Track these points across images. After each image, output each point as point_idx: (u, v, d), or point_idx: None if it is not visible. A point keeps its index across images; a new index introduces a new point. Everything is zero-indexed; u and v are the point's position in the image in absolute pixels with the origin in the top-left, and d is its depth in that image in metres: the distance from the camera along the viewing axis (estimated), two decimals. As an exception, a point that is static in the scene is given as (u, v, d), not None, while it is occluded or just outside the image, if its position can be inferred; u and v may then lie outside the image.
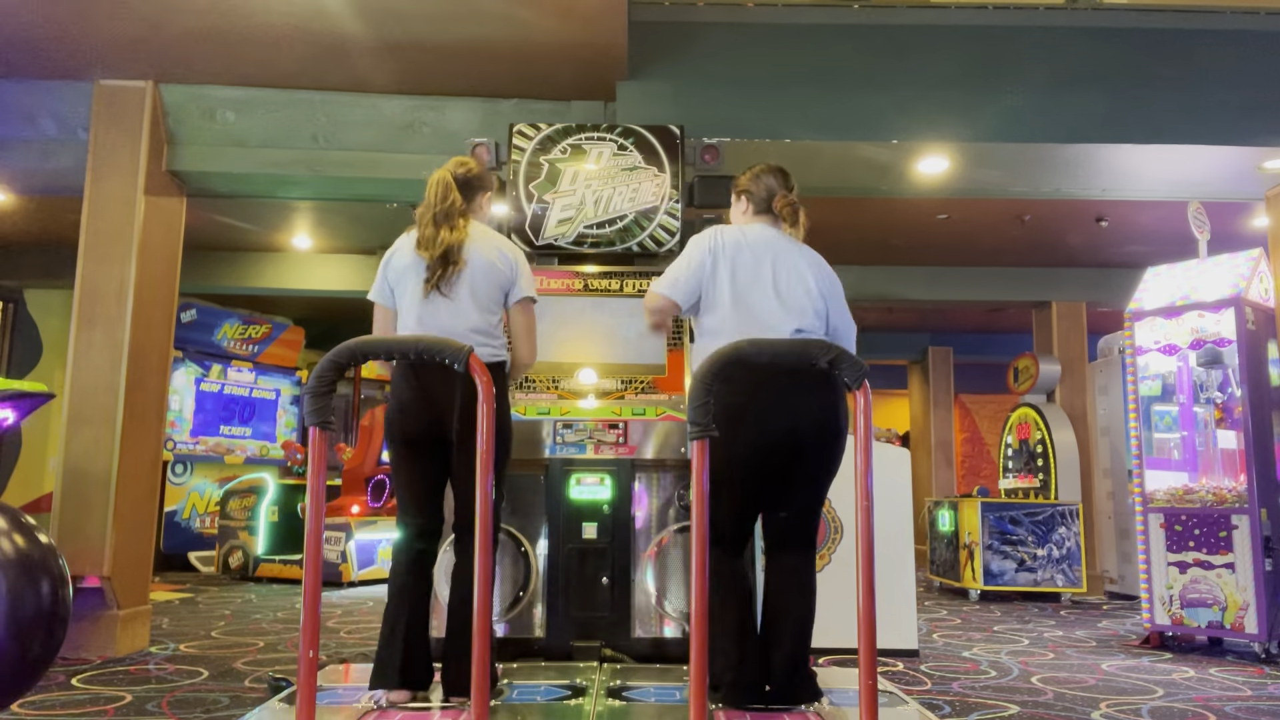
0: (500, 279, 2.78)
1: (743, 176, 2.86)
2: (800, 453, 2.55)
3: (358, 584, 7.42)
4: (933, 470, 11.20)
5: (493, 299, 2.78)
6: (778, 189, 2.77)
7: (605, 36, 4.09)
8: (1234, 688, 3.90)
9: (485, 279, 2.75)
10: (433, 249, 2.69)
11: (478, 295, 2.73)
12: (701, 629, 1.87)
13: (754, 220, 2.82)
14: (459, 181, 2.78)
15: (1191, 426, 5.24)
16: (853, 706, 2.55)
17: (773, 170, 2.81)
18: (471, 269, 2.72)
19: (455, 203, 2.74)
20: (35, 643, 2.88)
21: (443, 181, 2.76)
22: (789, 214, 2.75)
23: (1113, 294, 7.91)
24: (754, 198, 2.81)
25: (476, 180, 2.86)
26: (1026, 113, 4.61)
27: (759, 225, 2.79)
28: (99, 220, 4.39)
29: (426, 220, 2.73)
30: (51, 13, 3.91)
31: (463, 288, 2.71)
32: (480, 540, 2.02)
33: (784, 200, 2.76)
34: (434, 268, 2.69)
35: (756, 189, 2.80)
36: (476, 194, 2.87)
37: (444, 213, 2.72)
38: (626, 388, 3.68)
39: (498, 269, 2.77)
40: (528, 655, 3.30)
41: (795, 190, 2.81)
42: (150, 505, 4.58)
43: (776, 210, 2.77)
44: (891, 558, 4.47)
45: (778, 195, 2.77)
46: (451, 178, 2.78)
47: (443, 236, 2.69)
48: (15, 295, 8.21)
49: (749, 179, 2.83)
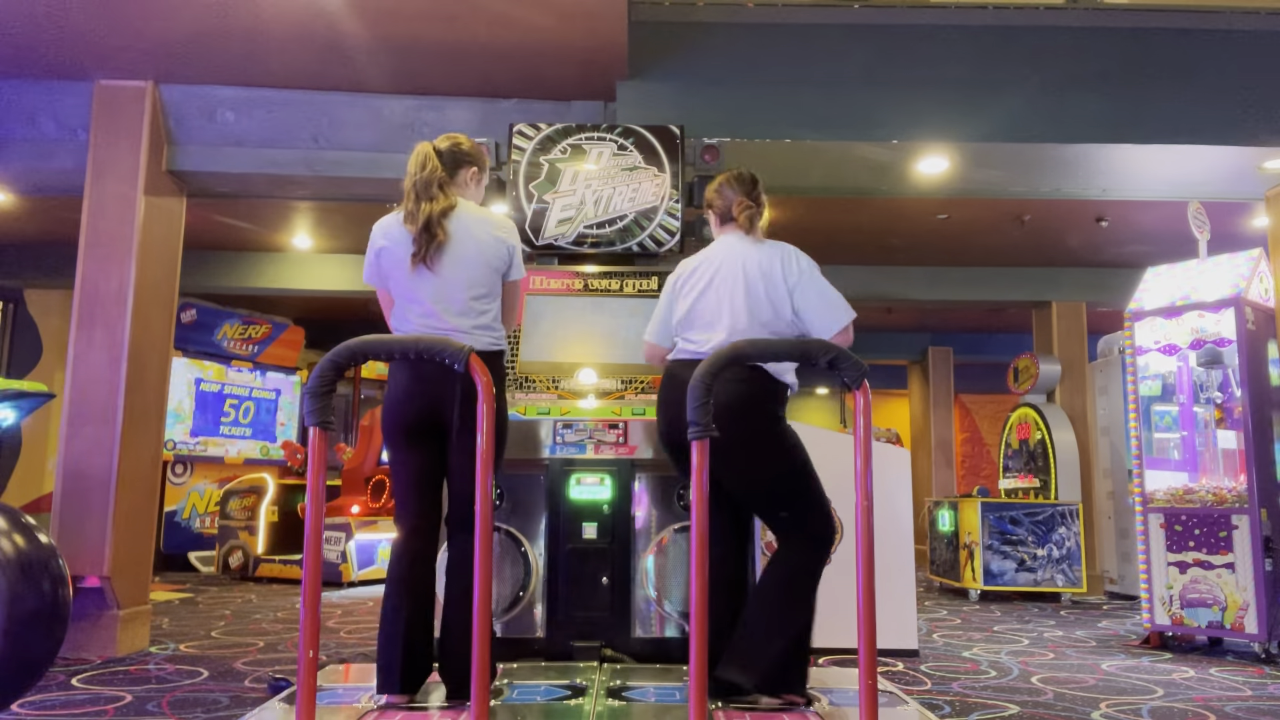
0: (494, 259, 2.71)
1: (709, 189, 2.95)
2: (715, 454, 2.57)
3: (358, 584, 7.42)
4: (933, 470, 11.20)
5: (487, 281, 2.70)
6: (734, 197, 2.86)
7: (605, 36, 4.09)
8: (1234, 688, 3.90)
9: (478, 258, 2.68)
10: (415, 221, 2.63)
11: (470, 275, 2.66)
12: (701, 629, 1.87)
13: (722, 230, 2.93)
14: (441, 153, 2.74)
15: (1191, 426, 5.24)
16: (853, 706, 2.55)
17: (731, 180, 2.89)
18: (461, 246, 2.65)
19: (435, 170, 2.68)
20: (35, 643, 2.89)
21: (421, 152, 2.72)
22: (744, 219, 2.83)
23: (1113, 294, 7.92)
24: (719, 210, 2.91)
25: (462, 154, 2.79)
26: (1026, 113, 4.62)
27: (723, 238, 2.89)
28: (99, 220, 4.39)
29: (409, 192, 2.68)
30: (51, 13, 3.91)
31: (450, 265, 2.64)
32: (480, 539, 2.02)
33: (740, 205, 2.84)
34: (419, 240, 2.62)
35: (719, 201, 2.91)
36: (461, 168, 2.79)
37: (423, 181, 2.66)
38: (626, 388, 3.68)
39: (492, 246, 2.71)
40: (528, 655, 3.30)
41: (758, 188, 2.88)
42: (150, 505, 4.58)
43: (735, 217, 2.86)
44: (891, 558, 4.47)
45: (734, 202, 2.85)
46: (432, 148, 2.73)
47: (424, 207, 2.63)
48: (15, 295, 8.22)
49: (713, 191, 2.93)
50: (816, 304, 2.75)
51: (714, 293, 2.78)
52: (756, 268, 2.75)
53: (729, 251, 2.83)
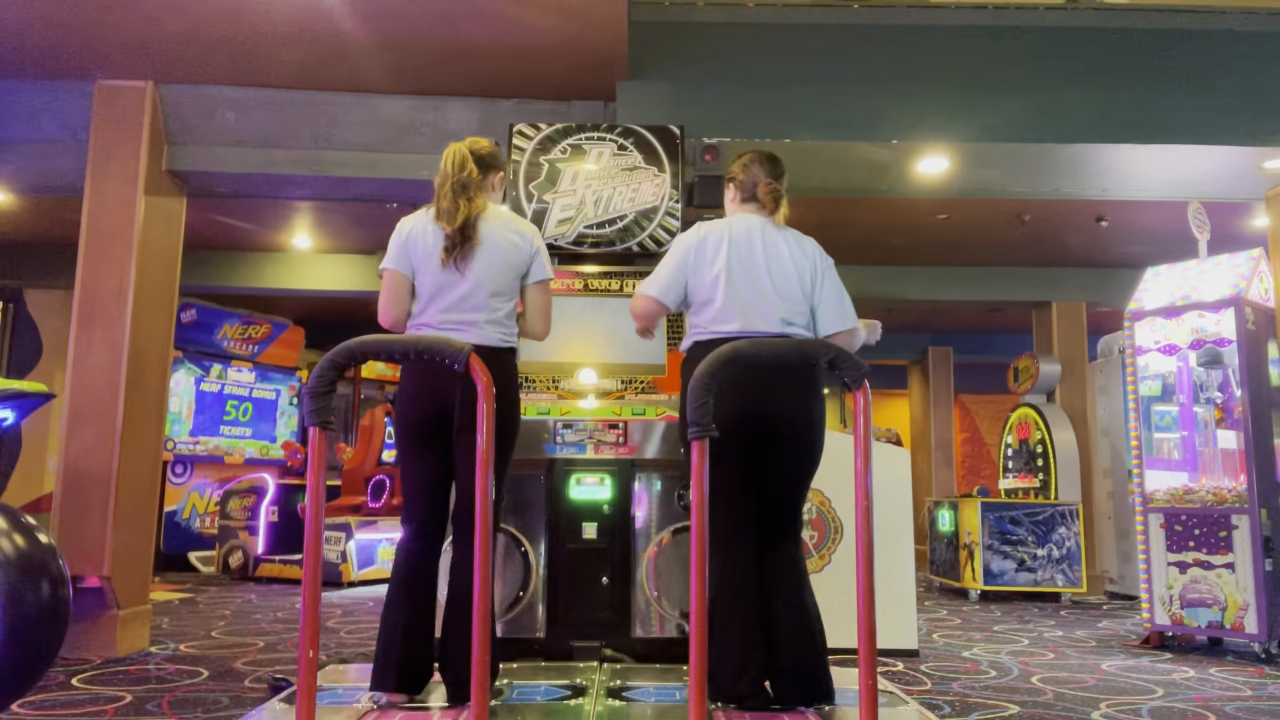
0: (517, 262, 2.74)
1: (735, 164, 2.93)
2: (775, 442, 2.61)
3: (358, 584, 7.42)
4: (933, 470, 11.19)
5: (508, 283, 2.73)
6: (762, 177, 2.84)
7: (605, 36, 4.09)
8: (1234, 688, 3.90)
9: (502, 261, 2.71)
10: (453, 221, 2.65)
11: (493, 276, 2.68)
12: (701, 629, 1.87)
13: (741, 208, 2.89)
14: (475, 156, 2.77)
15: (1191, 426, 5.24)
16: (853, 706, 2.55)
17: (761, 159, 2.88)
18: (488, 249, 2.68)
19: (472, 174, 2.72)
20: (35, 643, 2.88)
21: (459, 153, 2.75)
22: (769, 200, 2.82)
23: (1113, 294, 7.92)
24: (742, 185, 2.88)
25: (490, 158, 2.84)
26: (1026, 113, 4.62)
27: (744, 215, 2.85)
28: (99, 220, 4.39)
29: (445, 191, 2.70)
30: (51, 13, 3.91)
31: (477, 266, 2.66)
32: (480, 539, 2.02)
33: (766, 186, 2.82)
34: (454, 238, 2.64)
35: (745, 177, 2.88)
36: (490, 171, 2.83)
37: (461, 183, 2.69)
38: (626, 388, 3.68)
39: (515, 252, 2.74)
40: (528, 655, 3.30)
41: (784, 178, 2.87)
42: (150, 505, 4.58)
43: (759, 197, 2.83)
44: (891, 558, 4.47)
45: (761, 182, 2.83)
46: (469, 151, 2.77)
47: (462, 207, 2.66)
48: (15, 295, 8.21)
49: (739, 167, 2.91)
50: (831, 300, 2.78)
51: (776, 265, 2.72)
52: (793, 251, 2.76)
53: (765, 228, 2.79)
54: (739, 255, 2.72)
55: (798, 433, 2.64)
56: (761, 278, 2.70)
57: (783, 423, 2.62)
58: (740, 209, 2.88)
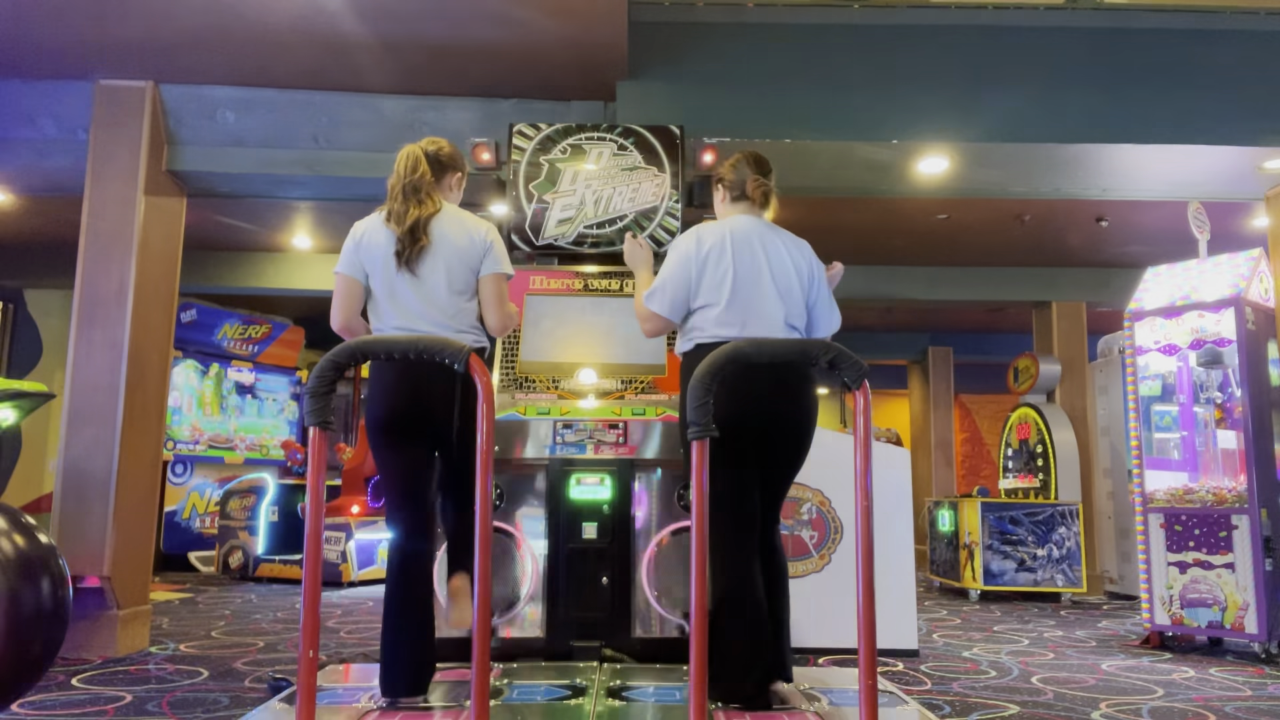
0: (472, 260, 2.74)
1: (723, 165, 2.95)
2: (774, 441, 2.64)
3: (358, 584, 7.42)
4: (933, 470, 11.19)
5: (464, 281, 2.73)
6: (750, 174, 2.86)
7: (605, 36, 4.09)
8: (1234, 688, 3.90)
9: (457, 260, 2.70)
10: (402, 223, 2.66)
11: (451, 278, 2.68)
12: (701, 629, 1.87)
13: (732, 207, 2.90)
14: (429, 157, 2.78)
15: (1191, 426, 5.24)
16: (853, 706, 2.55)
17: (749, 159, 2.90)
18: (443, 250, 2.68)
19: (424, 175, 2.73)
20: (35, 643, 2.88)
21: (412, 155, 2.76)
22: (759, 197, 2.85)
23: (1113, 294, 7.92)
24: (731, 185, 2.89)
25: (447, 159, 2.84)
26: (1026, 113, 4.62)
27: (738, 216, 2.85)
28: (99, 220, 4.39)
29: (396, 193, 2.71)
30: (51, 13, 3.91)
31: (433, 268, 2.66)
32: (480, 539, 2.02)
33: (755, 183, 2.84)
34: (403, 241, 2.65)
35: (734, 176, 2.89)
36: (446, 173, 2.84)
37: (412, 185, 2.70)
38: (626, 388, 3.68)
39: (470, 249, 2.73)
40: (528, 655, 3.30)
41: (772, 175, 2.89)
42: (150, 505, 4.58)
43: (749, 194, 2.85)
44: (891, 558, 4.47)
45: (749, 179, 2.85)
46: (422, 152, 2.77)
47: (411, 210, 2.67)
48: (15, 295, 8.22)
49: (728, 168, 2.92)
50: (824, 301, 2.82)
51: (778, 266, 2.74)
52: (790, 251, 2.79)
53: (762, 228, 2.80)
54: (743, 259, 2.72)
55: (796, 432, 2.66)
56: (765, 280, 2.71)
57: (782, 422, 2.63)
58: (731, 208, 2.90)
